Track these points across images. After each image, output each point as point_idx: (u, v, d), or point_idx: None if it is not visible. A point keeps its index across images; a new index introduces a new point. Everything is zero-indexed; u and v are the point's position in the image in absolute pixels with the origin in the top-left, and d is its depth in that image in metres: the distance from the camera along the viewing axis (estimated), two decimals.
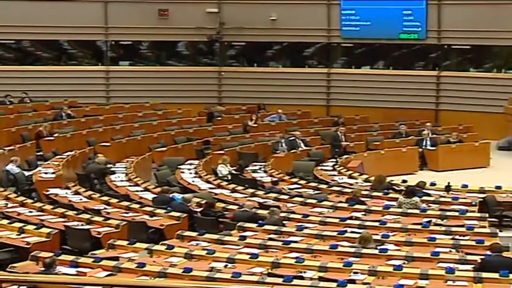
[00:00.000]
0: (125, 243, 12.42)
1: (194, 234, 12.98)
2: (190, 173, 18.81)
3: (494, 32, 25.69)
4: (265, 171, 19.33)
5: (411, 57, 28.12)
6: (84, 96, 27.11)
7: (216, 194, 16.50)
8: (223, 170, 19.05)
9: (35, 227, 13.46)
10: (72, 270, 10.97)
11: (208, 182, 17.82)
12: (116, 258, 11.53)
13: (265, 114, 26.24)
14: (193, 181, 17.98)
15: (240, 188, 16.95)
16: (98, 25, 28.26)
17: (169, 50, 29.64)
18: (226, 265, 11.29)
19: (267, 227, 13.29)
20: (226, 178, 18.56)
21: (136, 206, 15.26)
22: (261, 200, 15.78)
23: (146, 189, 17.01)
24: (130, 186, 17.45)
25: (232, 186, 17.21)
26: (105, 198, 15.90)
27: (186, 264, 11.28)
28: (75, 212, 14.57)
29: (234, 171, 19.20)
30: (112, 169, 19.00)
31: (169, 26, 28.13)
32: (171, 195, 15.73)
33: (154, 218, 14.48)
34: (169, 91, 27.85)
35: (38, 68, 28.45)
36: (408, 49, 27.95)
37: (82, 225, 13.85)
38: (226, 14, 27.98)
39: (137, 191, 16.92)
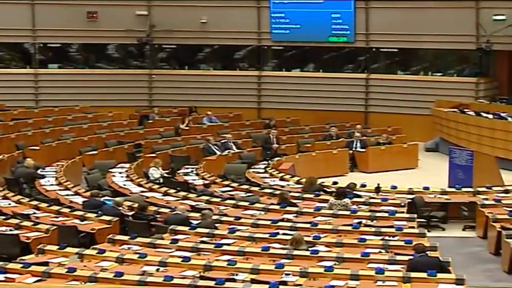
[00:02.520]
0: (55, 248, 12.25)
1: (126, 238, 12.89)
2: (122, 177, 18.66)
3: (420, 36, 26.17)
4: (197, 174, 19.31)
5: (341, 60, 28.42)
6: (13, 99, 26.72)
7: (147, 197, 16.41)
8: (155, 173, 18.96)
9: None
10: (0, 277, 10.78)
11: (140, 186, 17.72)
12: (45, 264, 11.37)
13: (197, 117, 26.21)
14: (124, 184, 17.85)
15: (172, 191, 16.90)
16: (25, 27, 27.86)
17: (99, 52, 29.37)
18: (158, 269, 11.24)
19: (199, 230, 13.28)
20: (158, 181, 18.47)
21: (67, 210, 15.07)
22: (193, 203, 15.76)
23: (77, 193, 16.83)
24: (60, 190, 17.23)
25: (164, 189, 17.13)
26: (34, 202, 15.65)
27: (117, 268, 11.19)
28: (4, 217, 14.31)
29: (165, 174, 19.13)
30: (41, 173, 18.74)
31: (98, 28, 27.89)
32: (102, 199, 15.58)
33: (85, 222, 14.32)
34: (100, 94, 27.63)
35: None
36: (338, 52, 28.26)
37: (10, 230, 13.61)
38: (156, 16, 27.87)
39: (67, 195, 16.71)
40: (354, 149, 22.62)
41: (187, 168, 20.13)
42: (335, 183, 17.70)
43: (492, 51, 25.48)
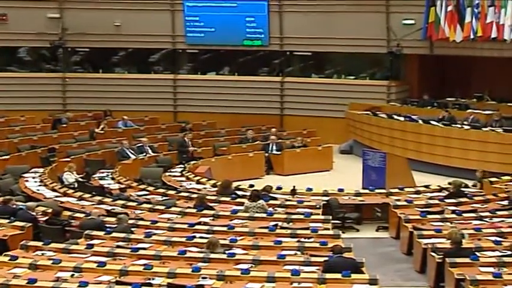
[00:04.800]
0: None
1: (39, 243, 12.71)
2: (35, 182, 18.38)
3: (333, 39, 26.47)
4: (112, 178, 19.15)
5: (256, 63, 28.55)
6: None
7: (62, 202, 16.19)
8: (70, 177, 18.74)
9: None
10: None
11: (54, 190, 17.47)
12: None
13: (112, 120, 25.96)
14: (38, 190, 17.58)
15: (87, 195, 16.71)
16: None
17: (10, 55, 28.77)
18: (73, 274, 11.12)
19: (115, 234, 13.19)
20: (72, 186, 18.26)
21: None
22: (109, 207, 15.63)
23: None
24: None
25: (79, 194, 16.93)
26: None
27: (30, 275, 11.03)
28: None
29: (80, 179, 18.90)
30: None
31: (8, 31, 27.33)
32: (19, 205, 15.25)
33: None
34: (12, 98, 27.11)
35: None
36: (252, 55, 28.38)
37: None
38: (69, 19, 27.47)
39: None
40: (269, 151, 22.77)
41: (102, 172, 19.95)
42: (251, 185, 17.79)
43: (402, 54, 26.02)
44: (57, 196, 16.94)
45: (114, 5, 27.44)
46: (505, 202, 15.78)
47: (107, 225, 13.84)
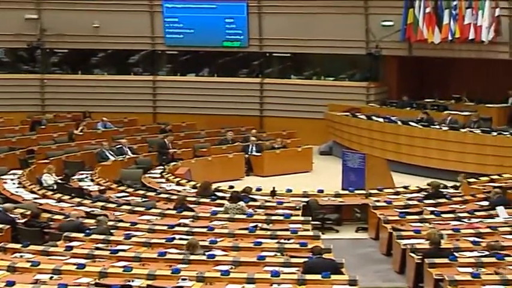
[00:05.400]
0: None
1: (18, 246, 12.64)
2: (14, 183, 18.29)
3: (312, 41, 26.56)
4: (92, 180, 19.09)
5: (235, 64, 28.56)
6: None
7: (41, 204, 16.11)
8: (49, 179, 18.66)
9: None
10: None
11: (33, 192, 17.39)
12: None
13: (91, 122, 25.86)
14: (16, 191, 17.49)
15: (66, 197, 16.65)
16: None
17: None
18: (52, 277, 11.08)
19: (94, 236, 13.14)
20: (51, 188, 18.18)
21: None
22: (88, 209, 15.57)
23: None
24: None
25: (58, 195, 16.86)
26: None
27: (8, 277, 10.97)
28: None
29: (59, 181, 18.83)
30: None
31: None
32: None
33: None
34: None
35: None
36: (232, 56, 28.38)
37: None
38: (47, 20, 27.36)
39: None
40: (249, 153, 22.79)
41: (81, 174, 19.88)
42: (231, 187, 17.80)
43: (381, 56, 26.12)
44: (36, 198, 16.87)
45: (93, 6, 27.36)
46: (484, 203, 15.87)
47: (86, 227, 13.78)
